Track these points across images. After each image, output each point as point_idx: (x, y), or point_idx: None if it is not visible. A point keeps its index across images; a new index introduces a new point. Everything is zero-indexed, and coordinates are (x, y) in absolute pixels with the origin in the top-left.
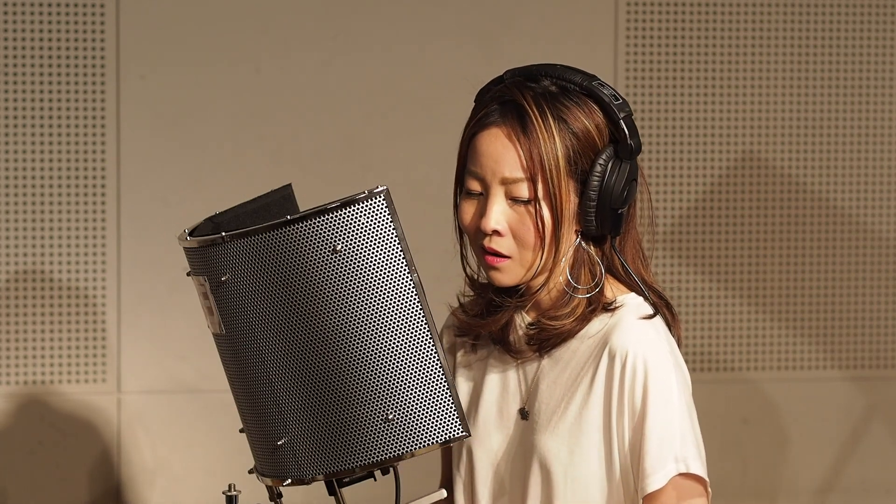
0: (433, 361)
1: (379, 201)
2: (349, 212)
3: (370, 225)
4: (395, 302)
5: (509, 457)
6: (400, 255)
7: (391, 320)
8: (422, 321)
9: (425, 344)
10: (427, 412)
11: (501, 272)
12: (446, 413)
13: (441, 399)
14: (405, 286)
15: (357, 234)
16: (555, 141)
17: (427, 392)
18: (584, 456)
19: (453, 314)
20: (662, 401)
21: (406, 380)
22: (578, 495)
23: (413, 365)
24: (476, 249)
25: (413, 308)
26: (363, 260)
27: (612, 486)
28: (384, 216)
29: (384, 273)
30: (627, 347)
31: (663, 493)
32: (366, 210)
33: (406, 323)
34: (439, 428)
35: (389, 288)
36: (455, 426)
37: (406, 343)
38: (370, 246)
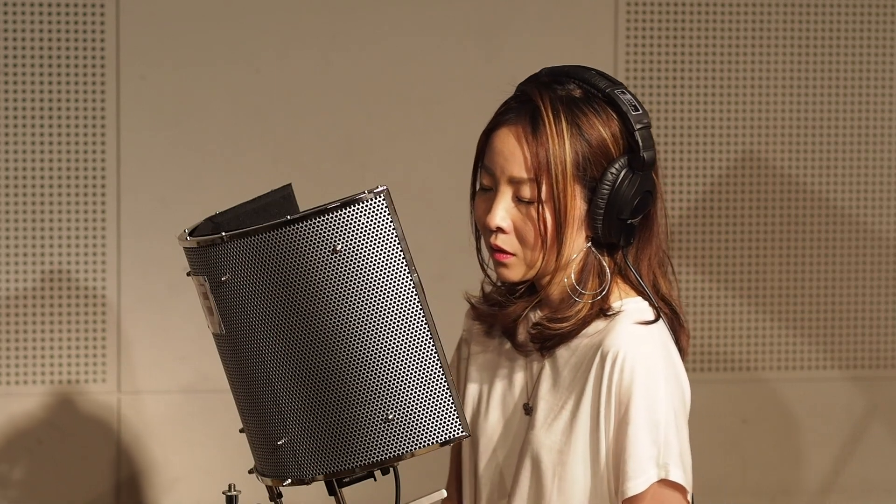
0: (433, 361)
1: (379, 201)
2: (349, 212)
3: (370, 225)
4: (395, 302)
5: (508, 450)
6: (400, 255)
7: (391, 320)
8: (422, 321)
9: (425, 344)
10: (427, 412)
11: (507, 268)
12: (446, 413)
13: (441, 399)
14: (405, 286)
15: (357, 234)
16: (564, 145)
17: (427, 392)
18: (574, 455)
19: (469, 301)
20: (647, 405)
21: (406, 380)
22: (564, 494)
23: (413, 365)
24: (487, 245)
25: (413, 308)
26: (363, 260)
27: (598, 487)
28: (384, 216)
29: (384, 273)
30: (619, 349)
31: (642, 498)
32: (366, 210)
33: (406, 323)
34: (439, 428)
35: (389, 288)
36: (455, 426)
37: (406, 343)
38: (370, 246)
